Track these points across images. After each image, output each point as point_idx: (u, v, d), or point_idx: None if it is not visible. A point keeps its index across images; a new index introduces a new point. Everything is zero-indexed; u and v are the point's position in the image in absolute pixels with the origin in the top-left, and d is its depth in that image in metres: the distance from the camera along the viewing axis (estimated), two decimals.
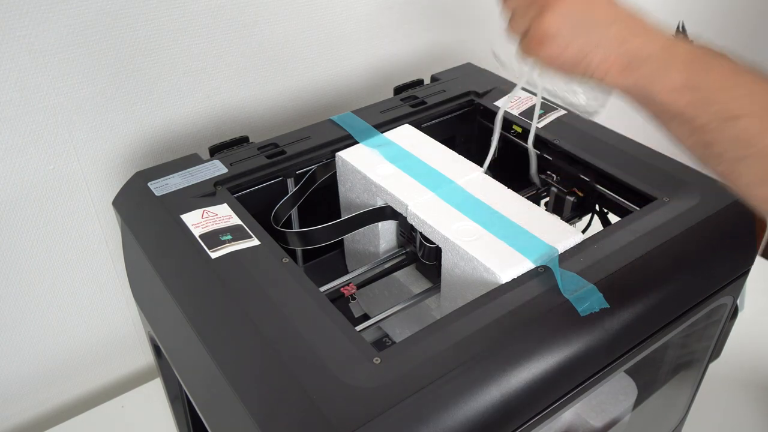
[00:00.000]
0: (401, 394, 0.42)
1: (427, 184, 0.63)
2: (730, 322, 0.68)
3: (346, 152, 0.68)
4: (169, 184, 0.63)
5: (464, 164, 0.66)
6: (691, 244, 0.56)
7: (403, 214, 0.61)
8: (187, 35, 0.76)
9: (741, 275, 0.61)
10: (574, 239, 0.55)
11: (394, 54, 0.96)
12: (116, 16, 0.70)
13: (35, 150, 0.72)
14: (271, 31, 0.82)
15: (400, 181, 0.63)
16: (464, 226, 0.57)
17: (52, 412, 0.89)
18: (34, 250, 0.77)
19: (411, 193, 0.61)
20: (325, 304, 0.49)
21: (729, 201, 0.59)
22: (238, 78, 0.83)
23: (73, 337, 0.86)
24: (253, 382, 0.45)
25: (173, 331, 0.55)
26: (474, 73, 0.83)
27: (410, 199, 0.61)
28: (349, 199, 0.69)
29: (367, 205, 0.66)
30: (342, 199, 0.71)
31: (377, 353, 0.45)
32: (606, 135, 0.70)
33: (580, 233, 0.56)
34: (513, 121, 0.74)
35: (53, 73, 0.69)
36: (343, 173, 0.68)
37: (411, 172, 0.65)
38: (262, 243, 0.55)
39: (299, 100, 0.90)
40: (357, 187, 0.67)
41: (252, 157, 0.67)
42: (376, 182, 0.63)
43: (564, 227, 0.57)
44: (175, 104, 0.79)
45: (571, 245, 0.55)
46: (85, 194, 0.77)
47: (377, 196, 0.64)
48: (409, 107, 0.75)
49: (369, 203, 0.66)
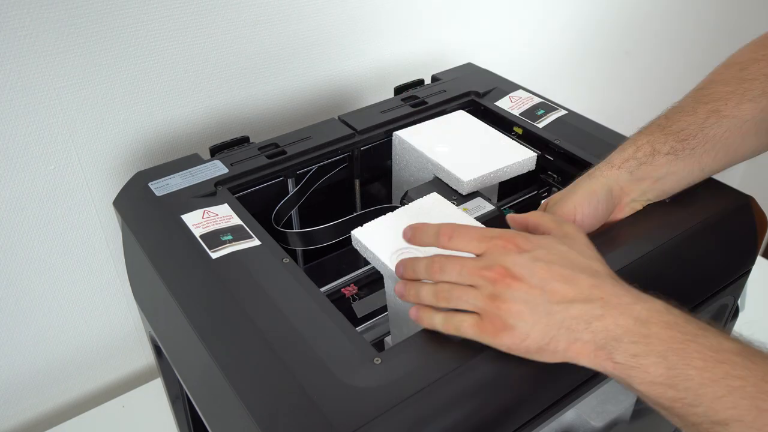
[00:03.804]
0: (401, 394, 0.42)
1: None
2: (731, 323, 0.68)
3: (404, 132, 0.70)
4: (170, 184, 0.63)
5: (517, 148, 0.68)
6: (691, 244, 0.56)
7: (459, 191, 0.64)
8: (187, 35, 0.76)
9: (742, 275, 0.61)
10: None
11: (394, 54, 0.96)
12: (117, 16, 0.70)
13: (35, 150, 0.72)
14: (271, 31, 0.82)
15: (455, 158, 0.65)
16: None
17: (52, 412, 0.89)
18: (35, 250, 0.77)
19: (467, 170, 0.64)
20: (326, 305, 0.49)
21: (730, 201, 0.59)
22: (238, 78, 0.83)
23: (74, 337, 0.86)
24: (253, 382, 0.45)
25: (174, 331, 0.55)
26: (475, 73, 0.83)
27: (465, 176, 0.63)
28: (403, 177, 0.72)
29: (421, 182, 0.68)
30: (395, 178, 0.74)
31: (377, 353, 0.45)
32: (606, 135, 0.70)
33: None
34: (514, 121, 0.74)
35: (53, 73, 0.69)
36: (399, 152, 0.71)
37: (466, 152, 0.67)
38: (262, 243, 0.55)
39: (299, 100, 0.90)
40: (412, 166, 0.69)
41: (253, 157, 0.67)
42: (433, 160, 0.66)
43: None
44: (175, 104, 0.79)
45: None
46: (86, 194, 0.77)
47: (433, 173, 0.67)
48: (409, 107, 0.75)
49: (424, 180, 0.68)
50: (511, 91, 0.78)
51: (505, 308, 0.43)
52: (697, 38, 1.46)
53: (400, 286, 0.48)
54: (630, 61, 1.35)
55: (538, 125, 0.72)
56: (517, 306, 0.43)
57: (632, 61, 1.36)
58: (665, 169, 0.55)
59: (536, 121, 0.72)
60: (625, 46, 1.32)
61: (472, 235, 0.46)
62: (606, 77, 1.34)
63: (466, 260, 0.45)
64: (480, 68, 0.85)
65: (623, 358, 0.41)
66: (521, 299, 0.43)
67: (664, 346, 0.40)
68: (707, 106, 0.55)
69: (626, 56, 1.34)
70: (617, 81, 1.37)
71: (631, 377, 0.41)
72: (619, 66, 1.34)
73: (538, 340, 0.42)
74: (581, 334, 0.42)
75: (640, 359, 0.41)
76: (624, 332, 0.41)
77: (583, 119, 0.72)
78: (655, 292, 0.45)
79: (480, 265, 0.44)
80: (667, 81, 1.45)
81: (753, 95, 0.54)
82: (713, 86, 0.57)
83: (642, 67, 1.39)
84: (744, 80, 0.55)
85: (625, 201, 0.56)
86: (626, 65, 1.35)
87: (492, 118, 0.75)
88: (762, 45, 0.57)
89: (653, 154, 0.55)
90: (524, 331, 0.42)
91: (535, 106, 0.74)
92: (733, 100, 0.55)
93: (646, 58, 1.38)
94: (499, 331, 0.43)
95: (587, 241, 0.48)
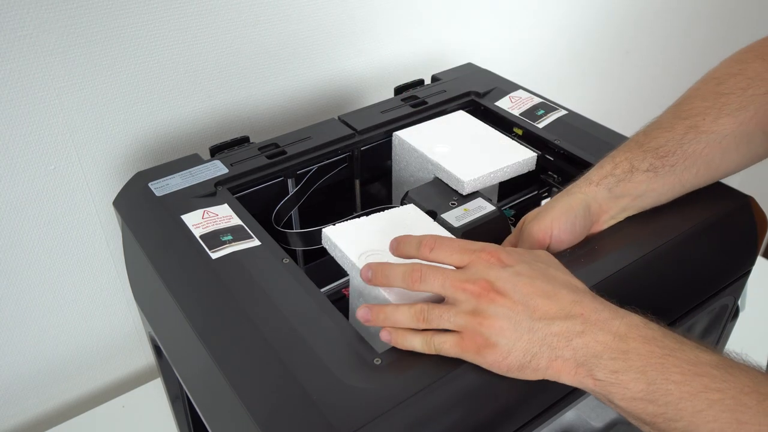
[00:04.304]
0: (401, 395, 0.42)
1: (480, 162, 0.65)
2: (731, 323, 0.68)
3: (404, 132, 0.70)
4: (170, 185, 0.63)
5: (517, 148, 0.68)
6: (692, 244, 0.56)
7: (460, 191, 0.63)
8: (187, 35, 0.76)
9: (742, 276, 0.61)
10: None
11: (394, 54, 0.96)
12: (117, 16, 0.70)
13: (35, 150, 0.72)
14: (271, 31, 0.82)
15: (456, 159, 0.65)
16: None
17: (52, 412, 0.89)
18: (35, 251, 0.77)
19: (467, 170, 0.64)
20: (326, 305, 0.49)
21: (730, 201, 0.59)
22: (238, 78, 0.83)
23: (74, 337, 0.86)
24: (253, 382, 0.45)
25: (174, 331, 0.55)
26: (475, 73, 0.83)
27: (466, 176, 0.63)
28: (403, 178, 0.72)
29: (421, 182, 0.68)
30: (395, 178, 0.74)
31: (377, 354, 0.45)
32: (606, 135, 0.70)
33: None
34: (514, 121, 0.74)
35: (53, 73, 0.69)
36: (399, 152, 0.71)
37: (466, 152, 0.67)
38: (262, 243, 0.55)
39: (299, 100, 0.90)
40: (412, 166, 0.69)
41: (253, 158, 0.67)
42: (433, 160, 0.65)
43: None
44: (175, 104, 0.79)
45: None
46: (86, 194, 0.77)
47: (434, 174, 0.66)
48: (409, 107, 0.75)
49: (424, 181, 0.68)
50: (511, 91, 0.78)
51: (487, 324, 0.42)
52: (697, 38, 1.46)
53: (364, 311, 0.46)
54: (630, 61, 1.35)
55: (538, 125, 0.72)
56: (499, 322, 0.42)
57: (632, 61, 1.36)
58: (644, 186, 0.55)
59: (536, 121, 0.72)
60: (625, 46, 1.32)
61: (454, 247, 0.46)
62: (606, 77, 1.34)
63: (448, 271, 0.45)
64: (480, 68, 0.85)
65: (603, 375, 0.41)
66: (504, 315, 0.43)
67: (643, 362, 0.41)
68: (685, 122, 0.55)
69: (626, 56, 1.34)
70: (617, 81, 1.37)
71: (611, 393, 0.41)
72: (619, 66, 1.34)
73: (520, 358, 0.42)
74: (562, 351, 0.42)
75: (620, 375, 0.41)
76: (604, 349, 0.41)
77: (583, 119, 0.72)
78: (632, 306, 0.45)
79: (463, 278, 0.44)
80: (667, 81, 1.45)
81: (730, 110, 0.54)
82: (691, 101, 0.56)
83: (642, 67, 1.39)
84: (721, 95, 0.55)
85: (603, 218, 0.56)
86: (626, 65, 1.35)
87: (492, 118, 0.75)
88: (738, 60, 0.57)
89: (632, 171, 0.54)
90: (506, 348, 0.42)
91: (535, 106, 0.74)
92: (710, 115, 0.54)
93: (646, 58, 1.38)
94: (482, 348, 0.43)
95: (561, 264, 0.48)
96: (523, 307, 0.43)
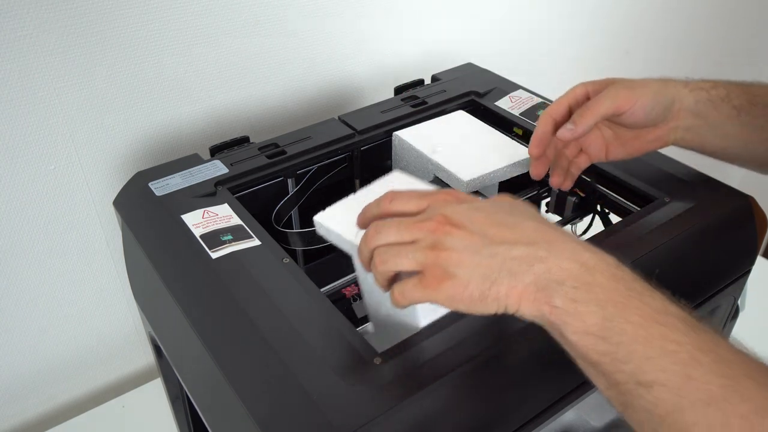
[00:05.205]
0: (401, 394, 0.42)
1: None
2: (731, 322, 0.68)
3: (404, 132, 0.70)
4: (170, 185, 0.63)
5: (518, 148, 0.68)
6: (691, 244, 0.56)
7: (459, 190, 0.63)
8: (187, 35, 0.76)
9: (742, 275, 0.61)
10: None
11: (394, 54, 0.96)
12: (117, 16, 0.70)
13: (35, 150, 0.72)
14: (271, 31, 0.82)
15: (456, 159, 0.66)
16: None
17: (52, 412, 0.89)
18: (35, 250, 0.77)
19: (467, 170, 0.64)
20: (326, 305, 0.49)
21: (730, 201, 0.59)
22: (238, 78, 0.83)
23: (74, 337, 0.86)
24: (253, 382, 0.45)
25: (174, 331, 0.55)
26: (475, 73, 0.83)
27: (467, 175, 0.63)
28: None
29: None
30: None
31: (377, 353, 0.45)
32: None
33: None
34: (514, 121, 0.74)
35: (53, 73, 0.69)
36: (399, 152, 0.71)
37: (466, 152, 0.67)
38: (262, 243, 0.55)
39: (299, 100, 0.90)
40: (412, 166, 0.69)
41: (253, 157, 0.67)
42: (433, 160, 0.66)
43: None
44: (175, 104, 0.79)
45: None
46: (86, 194, 0.77)
47: (434, 173, 0.66)
48: (410, 107, 0.75)
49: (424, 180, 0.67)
50: (511, 91, 0.78)
51: (444, 256, 0.41)
52: (697, 38, 1.46)
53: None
54: (630, 61, 1.35)
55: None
56: (456, 254, 0.41)
57: (632, 61, 1.36)
58: (721, 120, 0.56)
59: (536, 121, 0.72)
60: (625, 46, 1.32)
61: (412, 194, 0.45)
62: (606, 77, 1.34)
63: (403, 218, 0.44)
64: (480, 68, 0.85)
65: (561, 302, 0.39)
66: (461, 246, 0.41)
67: (606, 296, 0.39)
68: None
69: (626, 56, 1.34)
70: None
71: (566, 324, 0.39)
72: (619, 66, 1.34)
73: (480, 285, 0.40)
74: (523, 276, 0.40)
75: (579, 306, 0.39)
76: (567, 276, 0.39)
77: None
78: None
79: (418, 219, 0.43)
80: None
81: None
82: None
83: (642, 67, 1.39)
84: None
85: (671, 124, 0.57)
86: (626, 65, 1.35)
87: (492, 118, 0.75)
88: None
89: (724, 100, 0.56)
90: (465, 278, 0.40)
91: (535, 106, 0.74)
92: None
93: (646, 58, 1.38)
94: (441, 281, 0.41)
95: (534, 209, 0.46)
96: (480, 237, 0.41)
